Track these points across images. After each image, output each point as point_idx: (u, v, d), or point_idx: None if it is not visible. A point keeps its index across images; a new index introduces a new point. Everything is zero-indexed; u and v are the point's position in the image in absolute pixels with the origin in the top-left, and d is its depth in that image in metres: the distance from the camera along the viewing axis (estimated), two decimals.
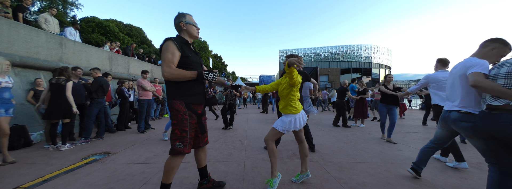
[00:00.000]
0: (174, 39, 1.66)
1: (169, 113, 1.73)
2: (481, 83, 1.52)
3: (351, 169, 2.64)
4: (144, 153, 3.38)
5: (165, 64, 1.59)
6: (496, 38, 1.75)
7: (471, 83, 1.58)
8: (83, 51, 6.01)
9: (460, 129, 1.78)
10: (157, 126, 6.00)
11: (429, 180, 2.32)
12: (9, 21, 4.28)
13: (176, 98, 1.67)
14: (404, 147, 3.83)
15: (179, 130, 1.65)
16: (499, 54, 1.72)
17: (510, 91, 1.40)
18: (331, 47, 36.16)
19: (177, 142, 1.64)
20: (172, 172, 1.69)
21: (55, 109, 3.49)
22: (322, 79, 28.71)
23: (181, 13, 1.79)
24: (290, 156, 3.20)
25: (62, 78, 3.58)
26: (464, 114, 1.75)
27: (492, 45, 1.73)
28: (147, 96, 5.20)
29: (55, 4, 22.19)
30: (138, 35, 33.19)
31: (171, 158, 1.68)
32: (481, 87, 1.52)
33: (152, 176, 2.41)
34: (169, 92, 1.71)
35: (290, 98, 2.11)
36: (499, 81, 1.47)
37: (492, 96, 1.51)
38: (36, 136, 4.08)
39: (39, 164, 2.84)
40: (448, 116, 1.89)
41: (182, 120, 1.65)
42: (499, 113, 1.46)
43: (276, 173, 2.05)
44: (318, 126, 6.22)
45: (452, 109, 1.86)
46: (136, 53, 10.06)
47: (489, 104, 1.53)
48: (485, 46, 1.77)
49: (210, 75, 1.70)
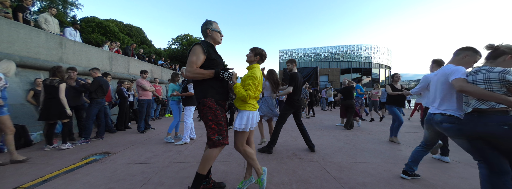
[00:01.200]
0: (202, 43, 1.83)
1: (200, 112, 1.84)
2: (467, 87, 1.63)
3: (351, 169, 2.64)
4: (144, 153, 3.38)
5: (188, 65, 1.77)
6: (467, 46, 1.96)
7: (458, 88, 1.69)
8: (83, 51, 6.00)
9: (444, 130, 1.92)
10: (157, 126, 6.00)
11: (429, 180, 2.33)
12: (9, 21, 4.28)
13: (206, 96, 1.82)
14: (404, 147, 3.83)
15: (216, 124, 1.78)
16: (471, 60, 1.90)
17: (495, 94, 1.51)
18: (331, 47, 36.11)
19: (216, 136, 1.77)
20: (210, 163, 1.82)
21: (51, 110, 3.48)
22: (322, 79, 28.67)
23: (208, 20, 1.96)
24: (290, 156, 3.20)
25: (56, 79, 3.54)
26: (446, 117, 1.89)
27: (464, 53, 1.92)
28: (147, 96, 5.19)
29: (55, 4, 22.17)
30: (138, 35, 33.16)
31: (212, 150, 1.80)
32: (467, 91, 1.63)
33: (152, 176, 2.41)
34: (198, 92, 1.86)
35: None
36: (480, 86, 1.60)
37: (478, 100, 1.62)
38: (36, 136, 4.08)
39: (39, 164, 2.84)
40: (433, 118, 2.04)
41: (216, 115, 1.79)
42: (488, 115, 1.58)
43: (260, 170, 2.04)
44: (318, 126, 6.22)
45: (435, 112, 2.01)
46: (136, 53, 10.05)
47: (477, 108, 1.62)
48: (458, 54, 1.96)
49: (225, 73, 1.80)
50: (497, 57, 1.65)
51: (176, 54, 32.10)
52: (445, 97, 1.95)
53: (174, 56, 31.12)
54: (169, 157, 3.12)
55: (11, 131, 2.92)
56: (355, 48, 35.25)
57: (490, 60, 1.70)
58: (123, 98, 5.59)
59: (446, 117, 1.89)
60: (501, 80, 1.51)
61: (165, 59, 14.38)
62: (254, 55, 2.07)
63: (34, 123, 4.27)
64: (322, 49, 36.55)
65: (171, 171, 2.56)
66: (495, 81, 1.54)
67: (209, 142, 1.81)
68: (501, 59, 1.63)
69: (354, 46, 35.26)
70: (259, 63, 2.11)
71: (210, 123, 1.78)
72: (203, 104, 1.80)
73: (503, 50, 1.63)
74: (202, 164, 1.81)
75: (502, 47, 1.63)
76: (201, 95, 1.83)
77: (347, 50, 35.52)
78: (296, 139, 4.30)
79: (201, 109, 1.82)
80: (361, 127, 6.14)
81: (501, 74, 1.51)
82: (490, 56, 1.70)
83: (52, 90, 3.48)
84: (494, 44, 1.69)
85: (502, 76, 1.50)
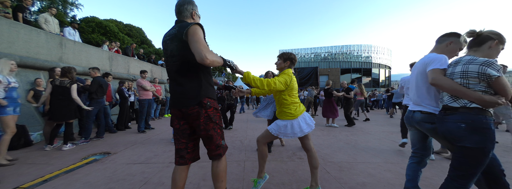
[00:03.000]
0: (202, 26, 1.43)
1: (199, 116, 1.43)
2: (439, 81, 1.43)
3: (351, 169, 2.64)
4: (144, 153, 3.38)
5: (204, 48, 1.29)
6: (451, 32, 1.67)
7: (430, 81, 1.49)
8: (83, 51, 6.00)
9: (425, 130, 1.68)
10: (157, 126, 6.00)
11: (429, 180, 2.32)
12: (9, 21, 4.28)
13: (209, 96, 1.48)
14: (404, 147, 3.83)
15: (220, 127, 1.53)
16: (456, 48, 1.64)
17: (468, 91, 1.31)
18: (331, 47, 36.13)
19: (222, 141, 1.52)
20: (225, 177, 1.53)
21: (64, 110, 3.54)
22: (322, 79, 28.68)
23: (192, 0, 1.56)
24: (290, 156, 3.20)
25: (66, 80, 3.60)
26: (426, 115, 1.65)
27: (448, 39, 1.65)
28: (147, 96, 5.19)
29: (55, 4, 22.19)
30: (138, 35, 33.17)
31: (220, 162, 1.50)
32: (438, 85, 1.44)
33: (152, 176, 2.41)
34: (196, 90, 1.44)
35: (283, 102, 1.94)
36: (455, 80, 1.38)
37: (451, 96, 1.41)
38: (36, 136, 4.08)
39: (39, 164, 2.84)
40: (412, 116, 1.76)
41: (220, 118, 1.55)
42: (452, 113, 1.39)
43: (263, 174, 2.04)
44: (318, 126, 6.22)
45: (415, 109, 1.75)
46: (136, 53, 10.05)
47: (447, 105, 1.42)
48: (441, 42, 1.69)
49: (231, 61, 1.59)
50: (481, 43, 1.41)
51: None
52: (424, 91, 1.69)
53: None
54: (169, 157, 3.12)
55: (11, 132, 2.91)
56: (355, 48, 35.25)
57: (473, 48, 1.46)
58: (123, 98, 5.59)
59: (426, 116, 1.64)
60: (480, 74, 1.28)
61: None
62: (284, 60, 1.97)
63: (34, 123, 4.27)
64: (322, 49, 36.56)
65: (171, 171, 2.54)
66: (473, 75, 1.30)
67: (217, 151, 1.48)
68: (486, 45, 1.39)
69: (354, 46, 35.27)
70: (290, 67, 2.01)
71: (216, 127, 1.49)
72: (209, 106, 1.45)
73: (487, 35, 1.40)
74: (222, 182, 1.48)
75: (485, 32, 1.41)
76: (202, 94, 1.43)
77: (347, 50, 35.52)
78: (296, 139, 4.29)
79: (206, 111, 1.42)
80: (361, 127, 6.16)
81: (481, 67, 1.27)
82: (474, 44, 1.46)
83: (64, 91, 3.54)
84: (476, 29, 1.46)
85: (482, 69, 1.27)
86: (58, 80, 3.56)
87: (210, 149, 1.49)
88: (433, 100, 1.64)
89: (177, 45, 1.40)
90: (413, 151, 1.88)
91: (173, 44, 1.41)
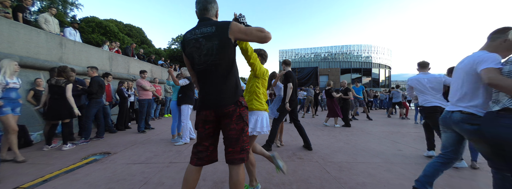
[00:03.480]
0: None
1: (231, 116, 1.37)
2: (498, 80, 1.28)
3: (351, 169, 2.64)
4: (144, 153, 3.37)
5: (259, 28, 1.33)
6: (505, 27, 1.48)
7: (487, 80, 1.35)
8: (83, 51, 6.00)
9: (463, 132, 1.58)
10: (157, 126, 6.00)
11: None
12: (9, 21, 4.28)
13: (242, 94, 1.45)
14: (404, 147, 3.83)
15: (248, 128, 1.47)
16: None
17: None
18: (331, 47, 36.11)
19: (248, 143, 1.45)
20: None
21: (61, 110, 3.51)
22: (322, 79, 28.67)
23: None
24: (290, 156, 3.20)
25: (62, 79, 3.56)
26: (467, 116, 1.54)
27: (504, 36, 1.47)
28: (147, 96, 5.20)
29: (55, 4, 22.20)
30: (138, 35, 33.18)
31: (243, 167, 1.44)
32: (497, 85, 1.29)
33: (152, 176, 2.41)
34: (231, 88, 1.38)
35: (255, 90, 1.90)
36: None
37: (511, 98, 1.28)
38: (36, 136, 4.08)
39: (39, 164, 2.83)
40: (450, 116, 1.66)
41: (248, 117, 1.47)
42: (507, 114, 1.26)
43: (255, 183, 1.97)
44: (318, 126, 6.23)
45: (454, 109, 1.65)
46: (136, 53, 10.06)
47: (508, 108, 1.27)
48: (494, 39, 1.53)
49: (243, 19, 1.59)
50: None
51: (176, 54, 32.10)
52: (469, 91, 1.58)
53: (174, 56, 31.13)
54: (169, 157, 3.12)
55: (13, 131, 2.90)
56: (355, 48, 35.24)
57: None
58: (123, 98, 5.59)
59: (467, 116, 1.54)
60: None
61: (165, 59, 14.38)
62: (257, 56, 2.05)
63: (34, 123, 4.27)
64: (322, 49, 36.55)
65: (171, 171, 2.56)
66: None
67: (241, 154, 1.38)
68: None
69: (354, 46, 35.26)
70: (262, 62, 2.08)
71: (245, 128, 1.41)
72: (243, 105, 1.41)
73: None
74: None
75: None
76: (239, 93, 1.40)
77: (347, 50, 35.51)
78: (296, 139, 4.30)
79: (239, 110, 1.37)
80: (361, 127, 6.16)
81: None
82: None
83: (59, 90, 3.50)
84: None
85: None
86: (54, 79, 3.54)
87: (234, 151, 1.38)
88: (479, 101, 1.53)
89: (217, 44, 1.32)
90: (443, 153, 1.79)
91: (211, 42, 1.33)
